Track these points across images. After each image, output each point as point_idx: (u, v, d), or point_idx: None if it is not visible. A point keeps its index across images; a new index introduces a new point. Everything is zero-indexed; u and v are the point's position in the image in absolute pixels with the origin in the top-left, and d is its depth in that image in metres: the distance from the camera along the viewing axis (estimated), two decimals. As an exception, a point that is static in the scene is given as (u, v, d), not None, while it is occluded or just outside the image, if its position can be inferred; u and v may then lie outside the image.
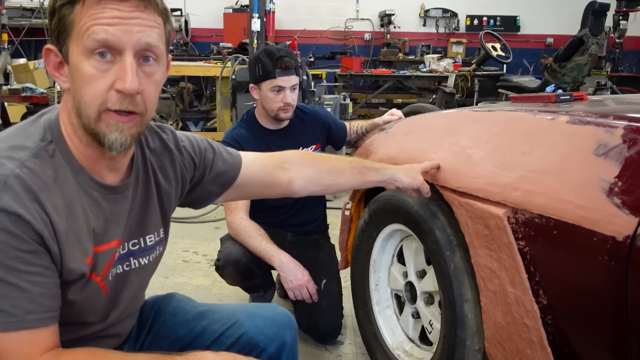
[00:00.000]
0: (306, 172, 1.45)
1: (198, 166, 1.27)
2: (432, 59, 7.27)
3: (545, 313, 1.30)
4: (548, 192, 1.26)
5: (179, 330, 1.28)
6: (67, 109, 1.00)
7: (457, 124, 1.72)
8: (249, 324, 1.27)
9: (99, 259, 1.03)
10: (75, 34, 0.93)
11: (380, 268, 1.99)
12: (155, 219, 1.18)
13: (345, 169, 1.51)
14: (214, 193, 1.33)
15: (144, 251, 1.16)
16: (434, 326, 1.73)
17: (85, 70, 0.93)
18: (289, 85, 2.22)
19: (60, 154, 0.98)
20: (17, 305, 0.89)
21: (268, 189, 1.42)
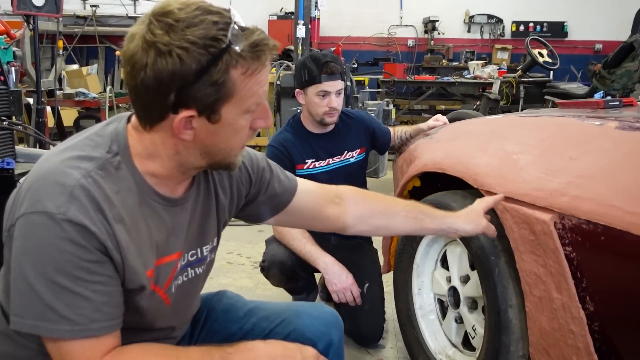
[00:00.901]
0: (357, 210, 1.42)
1: (254, 184, 1.28)
2: (477, 65, 7.21)
3: (592, 320, 1.29)
4: (596, 198, 1.25)
5: (231, 327, 1.31)
6: (167, 147, 1.01)
7: (503, 129, 1.72)
8: (297, 322, 1.29)
9: (161, 272, 1.06)
10: (237, 97, 0.96)
11: (424, 272, 1.99)
12: (212, 229, 1.21)
13: (399, 212, 1.45)
14: (266, 214, 1.34)
15: (200, 261, 1.19)
16: (477, 331, 1.72)
17: (240, 125, 1.00)
18: (334, 89, 2.25)
19: (125, 166, 1.01)
20: (81, 314, 0.92)
21: (317, 221, 1.40)
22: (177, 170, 1.04)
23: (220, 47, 0.91)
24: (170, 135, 0.99)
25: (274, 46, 0.99)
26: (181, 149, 1.00)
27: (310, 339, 1.27)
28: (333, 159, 2.37)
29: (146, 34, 0.92)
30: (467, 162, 1.66)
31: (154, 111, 0.97)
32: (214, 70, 0.92)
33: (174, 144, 1.00)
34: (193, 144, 1.00)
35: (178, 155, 1.01)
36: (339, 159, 2.38)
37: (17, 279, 0.92)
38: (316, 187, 1.41)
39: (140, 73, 0.93)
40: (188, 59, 0.90)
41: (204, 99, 0.94)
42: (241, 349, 1.04)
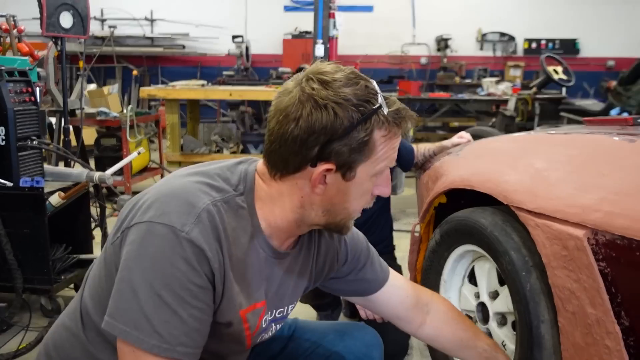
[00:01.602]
0: (441, 328, 1.44)
1: (348, 262, 1.31)
2: (490, 82, 7.24)
3: (627, 334, 1.30)
4: (631, 214, 1.27)
5: (274, 348, 1.34)
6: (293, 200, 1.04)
7: (532, 146, 1.74)
8: (339, 343, 1.32)
9: (251, 316, 1.09)
10: (373, 159, 1.01)
11: (451, 288, 2.01)
12: (301, 289, 1.24)
13: (477, 348, 1.47)
14: (348, 293, 1.37)
15: (283, 318, 1.23)
16: (507, 347, 1.73)
17: (367, 187, 1.05)
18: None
19: (247, 207, 1.04)
20: (173, 334, 0.93)
21: (397, 319, 1.42)
22: (294, 223, 1.07)
23: (371, 107, 0.97)
24: (299, 188, 1.02)
25: (413, 117, 1.04)
26: (306, 203, 1.04)
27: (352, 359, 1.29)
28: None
29: (305, 87, 0.97)
30: (497, 179, 1.69)
31: (294, 162, 1.00)
32: (362, 128, 0.97)
33: (300, 196, 1.03)
34: (320, 199, 1.03)
35: (301, 209, 1.05)
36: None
37: (122, 281, 0.94)
38: (410, 286, 1.43)
39: (292, 123, 0.97)
40: (342, 114, 0.95)
41: (346, 154, 0.98)
42: None
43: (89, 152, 5.16)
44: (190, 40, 9.76)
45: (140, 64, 9.60)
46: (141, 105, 8.80)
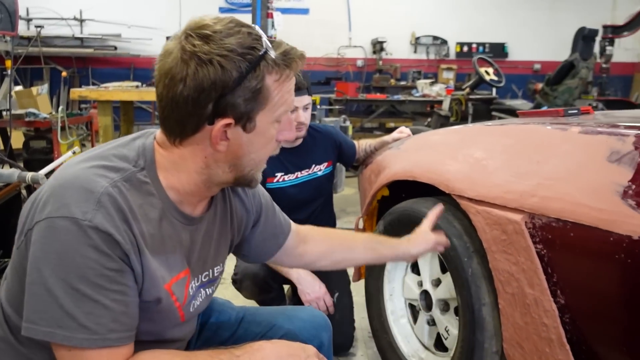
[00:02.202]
0: (320, 246, 1.47)
1: (261, 217, 1.32)
2: (425, 84, 7.44)
3: (563, 312, 1.37)
4: (565, 198, 1.34)
5: (223, 334, 1.34)
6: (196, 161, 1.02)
7: (470, 137, 1.81)
8: (288, 326, 1.33)
9: (177, 288, 1.07)
10: (271, 105, 1.00)
11: (395, 279, 2.06)
12: (224, 250, 1.23)
13: (357, 246, 1.52)
14: (259, 256, 1.37)
15: (212, 281, 1.21)
16: (450, 332, 1.79)
17: (270, 134, 1.04)
18: (301, 104, 2.30)
19: (150, 181, 1.01)
20: (100, 323, 0.91)
21: (287, 256, 1.43)
22: (203, 185, 1.05)
23: (257, 54, 0.95)
24: (201, 149, 1.01)
25: (302, 55, 1.03)
26: (211, 163, 1.02)
27: (302, 341, 1.30)
28: (302, 172, 2.42)
29: (185, 45, 0.95)
30: (438, 169, 1.74)
31: (190, 123, 0.98)
32: (252, 76, 0.95)
33: (204, 157, 1.02)
34: (224, 156, 1.02)
35: (207, 169, 1.03)
36: (307, 172, 2.43)
37: (33, 284, 0.91)
38: (294, 226, 1.45)
39: (179, 85, 0.95)
40: (229, 66, 0.94)
41: (242, 106, 0.97)
42: (248, 350, 1.06)
43: (18, 156, 4.95)
44: (122, 42, 9.51)
45: (70, 65, 9.27)
46: (71, 107, 8.48)
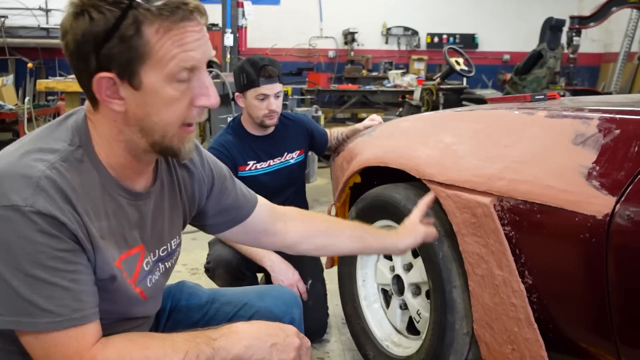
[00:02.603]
0: (302, 228, 1.43)
1: (216, 184, 1.28)
2: (396, 74, 7.48)
3: (531, 292, 1.40)
4: (531, 180, 1.37)
5: (194, 315, 1.34)
6: (111, 127, 1.00)
7: (440, 123, 1.83)
8: (259, 303, 1.33)
9: (128, 265, 1.06)
10: (155, 59, 0.93)
11: (367, 264, 2.08)
12: (178, 223, 1.21)
13: (344, 232, 1.47)
14: (222, 225, 1.34)
15: (170, 255, 1.20)
16: (422, 315, 1.82)
17: (169, 95, 0.96)
18: (272, 92, 2.30)
19: (87, 158, 0.99)
20: (62, 305, 0.91)
21: (265, 236, 1.40)
22: (129, 155, 1.02)
23: (127, 1, 0.91)
24: (104, 114, 0.98)
25: (195, 7, 0.95)
26: (122, 127, 0.99)
27: (274, 317, 1.30)
28: (274, 160, 2.42)
29: None
30: (409, 155, 1.76)
31: (84, 80, 0.95)
32: (123, 25, 0.90)
33: (114, 120, 0.99)
34: (129, 118, 0.98)
35: (122, 135, 1.00)
36: (279, 160, 2.43)
37: None
38: (268, 203, 1.42)
39: (65, 39, 0.93)
40: (97, 16, 0.90)
41: (119, 58, 0.92)
42: (225, 333, 1.05)
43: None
44: (89, 32, 9.35)
45: (36, 57, 9.07)
46: (38, 99, 8.32)
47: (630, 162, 1.20)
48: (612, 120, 1.29)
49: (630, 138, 1.22)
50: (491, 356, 1.55)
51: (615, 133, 1.26)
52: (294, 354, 1.11)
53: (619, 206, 1.17)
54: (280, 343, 1.10)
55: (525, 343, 1.42)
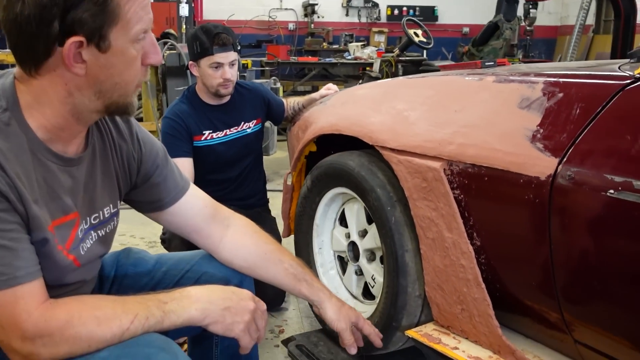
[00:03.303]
0: (242, 240, 1.37)
1: (145, 161, 1.25)
2: (356, 47, 7.46)
3: (479, 253, 1.44)
4: (479, 144, 1.40)
5: (141, 280, 1.33)
6: (57, 90, 0.98)
7: (393, 90, 1.84)
8: (206, 264, 1.33)
9: (61, 231, 1.04)
10: (123, 22, 0.94)
11: (324, 232, 2.09)
12: (112, 192, 1.19)
13: (282, 262, 1.39)
14: (149, 204, 1.30)
15: (103, 223, 1.18)
16: (377, 280, 1.85)
17: (131, 55, 0.98)
18: (227, 61, 2.27)
19: (15, 122, 0.97)
20: (4, 264, 0.90)
21: (197, 234, 1.34)
22: (71, 116, 1.01)
23: None
24: (59, 75, 0.96)
25: None
26: (73, 90, 0.98)
27: (222, 278, 1.30)
28: (230, 130, 2.40)
29: None
30: (362, 122, 1.77)
31: (39, 46, 0.92)
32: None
33: (64, 84, 0.97)
34: (86, 81, 0.97)
35: (71, 98, 0.98)
36: (236, 130, 2.42)
37: None
38: (209, 199, 1.37)
39: (18, 4, 0.89)
40: None
41: (90, 22, 0.91)
42: (177, 297, 1.05)
43: None
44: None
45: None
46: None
47: (573, 124, 1.23)
48: (555, 84, 1.32)
49: (573, 101, 1.26)
50: (442, 317, 1.59)
51: (558, 96, 1.29)
52: (248, 317, 1.12)
53: (561, 167, 1.21)
54: (234, 306, 1.11)
55: (474, 303, 1.46)
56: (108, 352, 0.98)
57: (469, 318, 1.50)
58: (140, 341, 1.00)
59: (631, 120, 1.14)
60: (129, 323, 1.00)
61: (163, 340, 1.02)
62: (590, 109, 1.21)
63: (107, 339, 0.98)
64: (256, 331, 1.13)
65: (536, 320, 1.40)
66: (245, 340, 1.11)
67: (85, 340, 0.97)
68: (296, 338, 2.04)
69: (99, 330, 0.97)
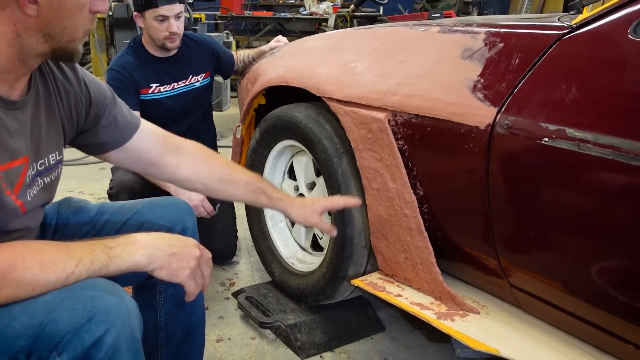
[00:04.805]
0: (196, 167, 1.39)
1: (93, 104, 1.24)
2: (312, 2, 7.35)
3: (422, 203, 1.47)
4: (423, 94, 1.41)
5: (83, 229, 1.31)
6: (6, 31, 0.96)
7: (340, 41, 1.83)
8: (149, 212, 1.32)
9: (6, 176, 1.02)
10: None
11: (273, 185, 2.09)
12: (58, 138, 1.17)
13: (239, 181, 1.42)
14: (101, 146, 1.30)
15: (48, 169, 1.16)
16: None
17: (81, 1, 0.99)
18: (172, 14, 2.21)
19: None
20: None
21: (154, 166, 1.36)
22: (17, 59, 0.99)
23: None
24: (8, 15, 0.94)
25: None
26: (21, 31, 0.96)
27: (165, 225, 1.29)
28: (178, 83, 2.35)
29: None
30: (309, 73, 1.76)
31: None
32: None
33: (13, 24, 0.95)
34: (35, 23, 0.96)
35: (19, 39, 0.97)
36: (184, 84, 2.37)
37: None
38: (160, 131, 1.38)
39: None
40: None
41: None
42: (122, 243, 1.04)
43: None
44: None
45: None
46: None
47: (512, 74, 1.25)
48: (497, 34, 1.33)
49: (512, 51, 1.27)
50: (387, 266, 1.63)
51: (499, 47, 1.31)
52: (194, 263, 1.12)
53: (499, 116, 1.23)
54: (180, 252, 1.11)
55: (417, 251, 1.50)
56: (52, 296, 0.96)
57: (412, 266, 1.53)
58: (84, 285, 0.99)
59: (566, 70, 1.16)
60: (74, 267, 0.98)
61: (108, 283, 1.01)
62: (528, 59, 1.23)
63: (51, 282, 0.97)
64: (201, 278, 1.13)
65: (475, 267, 1.45)
66: (191, 286, 1.11)
67: (29, 283, 0.95)
68: (246, 290, 2.06)
69: (43, 274, 0.96)
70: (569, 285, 1.21)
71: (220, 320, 2.00)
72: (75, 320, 0.90)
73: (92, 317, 0.91)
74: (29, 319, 0.92)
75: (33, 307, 0.93)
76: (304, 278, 1.90)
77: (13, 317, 0.92)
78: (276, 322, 1.86)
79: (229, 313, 2.05)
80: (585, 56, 1.16)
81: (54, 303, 0.93)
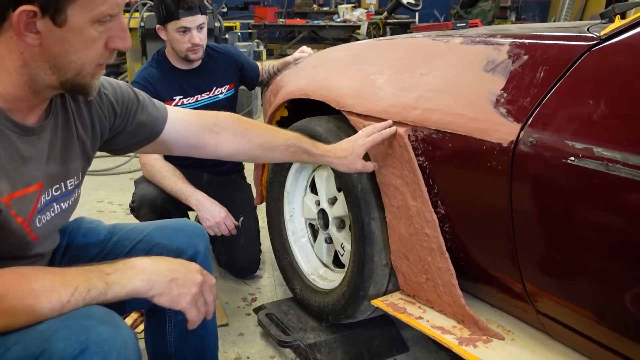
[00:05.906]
0: (236, 141, 1.41)
1: (119, 115, 1.24)
2: (346, 9, 7.32)
3: (443, 222, 1.40)
4: (444, 109, 1.35)
5: (92, 251, 1.29)
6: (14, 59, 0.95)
7: (362, 53, 1.78)
8: (160, 236, 1.29)
9: (19, 203, 1.00)
10: (83, 1, 0.92)
11: (294, 199, 2.05)
12: (75, 163, 1.16)
13: (279, 146, 1.45)
14: (134, 145, 1.32)
15: (65, 195, 1.14)
16: (346, 248, 1.82)
17: (91, 35, 0.96)
18: (194, 25, 2.20)
19: None
20: None
21: (194, 149, 1.39)
22: (27, 87, 0.98)
23: None
24: (15, 42, 0.93)
25: None
26: (29, 60, 0.95)
27: (175, 250, 1.27)
28: (202, 95, 2.34)
29: None
30: (330, 86, 1.71)
31: None
32: None
33: (20, 52, 0.94)
34: (40, 53, 0.94)
35: (26, 68, 0.96)
36: (207, 96, 2.35)
37: None
38: (191, 114, 1.40)
39: None
40: None
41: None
42: (120, 268, 1.01)
43: None
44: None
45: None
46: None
47: (536, 88, 1.18)
48: (521, 45, 1.26)
49: (537, 64, 1.20)
50: (408, 286, 1.57)
51: (523, 59, 1.24)
52: (195, 289, 1.08)
53: (523, 133, 1.16)
54: (181, 278, 1.07)
55: (438, 272, 1.43)
56: (47, 325, 0.94)
57: (434, 287, 1.47)
58: (80, 314, 0.96)
59: (594, 84, 1.09)
60: (69, 296, 0.96)
61: (105, 312, 0.98)
62: (554, 72, 1.15)
63: (46, 313, 0.94)
64: (204, 305, 1.10)
65: (499, 289, 1.37)
66: (192, 313, 1.07)
67: (22, 314, 0.93)
68: (266, 306, 2.02)
69: (37, 304, 0.93)
70: (598, 313, 1.13)
71: (240, 337, 1.96)
72: (69, 351, 0.87)
73: (86, 348, 0.88)
74: (22, 349, 0.89)
75: (27, 337, 0.90)
76: (325, 295, 1.85)
77: (7, 347, 0.90)
78: (295, 341, 1.81)
79: (249, 330, 2.01)
80: (615, 69, 1.09)
81: (49, 333, 0.90)
